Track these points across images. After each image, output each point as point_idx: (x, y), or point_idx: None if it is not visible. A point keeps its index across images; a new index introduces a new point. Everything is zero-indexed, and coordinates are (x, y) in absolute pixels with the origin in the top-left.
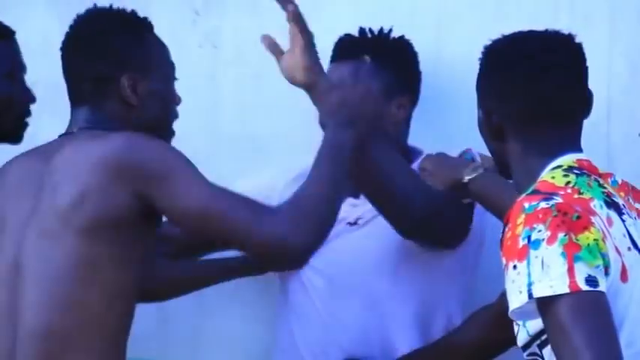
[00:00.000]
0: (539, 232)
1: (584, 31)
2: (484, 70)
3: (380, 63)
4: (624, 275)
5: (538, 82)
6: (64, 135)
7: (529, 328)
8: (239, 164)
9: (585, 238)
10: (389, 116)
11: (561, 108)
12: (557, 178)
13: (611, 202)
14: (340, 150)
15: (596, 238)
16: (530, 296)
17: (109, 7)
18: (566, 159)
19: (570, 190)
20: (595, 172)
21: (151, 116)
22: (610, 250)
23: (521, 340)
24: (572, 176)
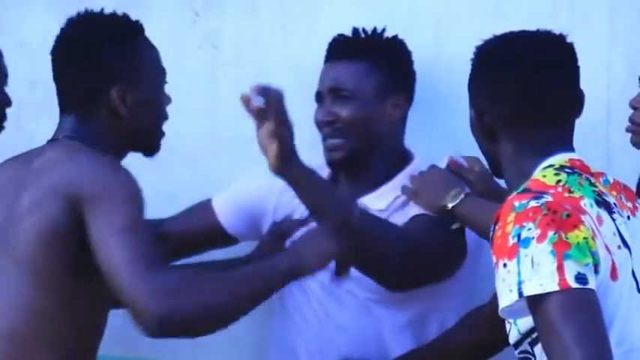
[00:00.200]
0: (529, 231)
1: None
2: (475, 71)
3: (374, 63)
4: (614, 274)
5: (529, 82)
6: (50, 141)
7: (520, 326)
8: (238, 165)
9: (575, 236)
10: (384, 116)
11: (553, 108)
12: (549, 176)
13: (602, 201)
14: (276, 275)
15: (586, 236)
16: (521, 295)
17: (100, 11)
18: (558, 158)
19: (561, 189)
20: (587, 171)
21: (140, 125)
22: (600, 249)
23: (513, 338)
24: (564, 175)
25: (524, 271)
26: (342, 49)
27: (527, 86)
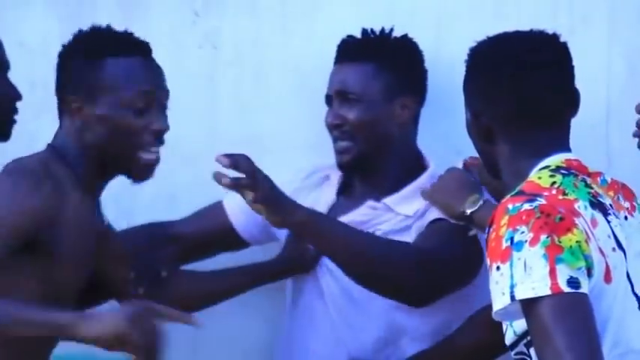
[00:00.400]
0: (522, 234)
1: (583, 32)
2: (470, 72)
3: (381, 64)
4: (608, 276)
5: (523, 83)
6: None
7: (515, 327)
8: None
9: (568, 240)
10: (392, 117)
11: (548, 108)
12: (544, 178)
13: (597, 203)
14: None
15: (579, 239)
16: (513, 298)
17: (105, 27)
18: (555, 159)
19: (555, 191)
20: (584, 171)
21: (97, 140)
22: (593, 252)
23: (509, 340)
24: (559, 177)
25: (516, 275)
26: (349, 50)
27: (522, 86)
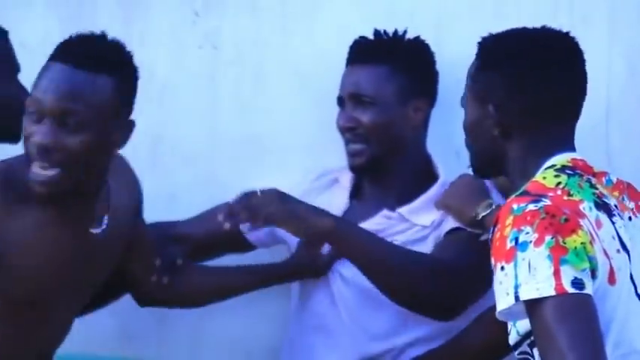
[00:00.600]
0: (526, 235)
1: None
2: (493, 64)
3: (395, 66)
4: (612, 278)
5: (552, 77)
6: None
7: (519, 327)
8: (238, 165)
9: (573, 241)
10: (406, 120)
11: (571, 105)
12: (549, 178)
13: (602, 204)
14: None
15: (584, 241)
16: (517, 299)
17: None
18: (561, 158)
19: (560, 192)
20: (589, 171)
21: None
22: (598, 253)
23: (512, 339)
24: (564, 177)
25: (521, 275)
26: (362, 52)
27: (550, 80)
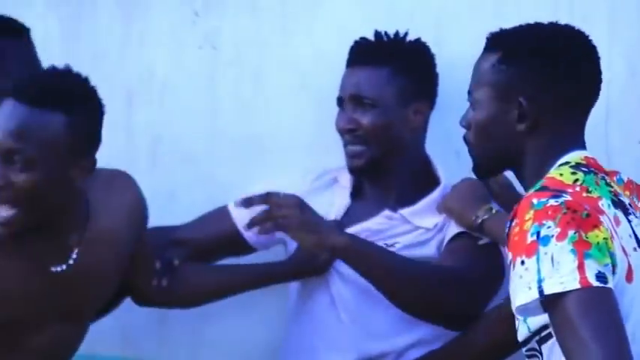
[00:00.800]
0: (548, 229)
1: None
2: (517, 59)
3: (395, 68)
4: (630, 275)
5: (582, 71)
6: None
7: (530, 324)
8: (238, 165)
9: (595, 236)
10: (406, 122)
11: (592, 98)
12: (565, 175)
13: (618, 202)
14: None
15: (605, 237)
16: (541, 293)
17: None
18: (574, 156)
19: (579, 189)
20: (601, 170)
21: None
22: (617, 250)
23: (521, 336)
24: (580, 174)
25: (544, 269)
26: (363, 54)
27: (580, 74)
